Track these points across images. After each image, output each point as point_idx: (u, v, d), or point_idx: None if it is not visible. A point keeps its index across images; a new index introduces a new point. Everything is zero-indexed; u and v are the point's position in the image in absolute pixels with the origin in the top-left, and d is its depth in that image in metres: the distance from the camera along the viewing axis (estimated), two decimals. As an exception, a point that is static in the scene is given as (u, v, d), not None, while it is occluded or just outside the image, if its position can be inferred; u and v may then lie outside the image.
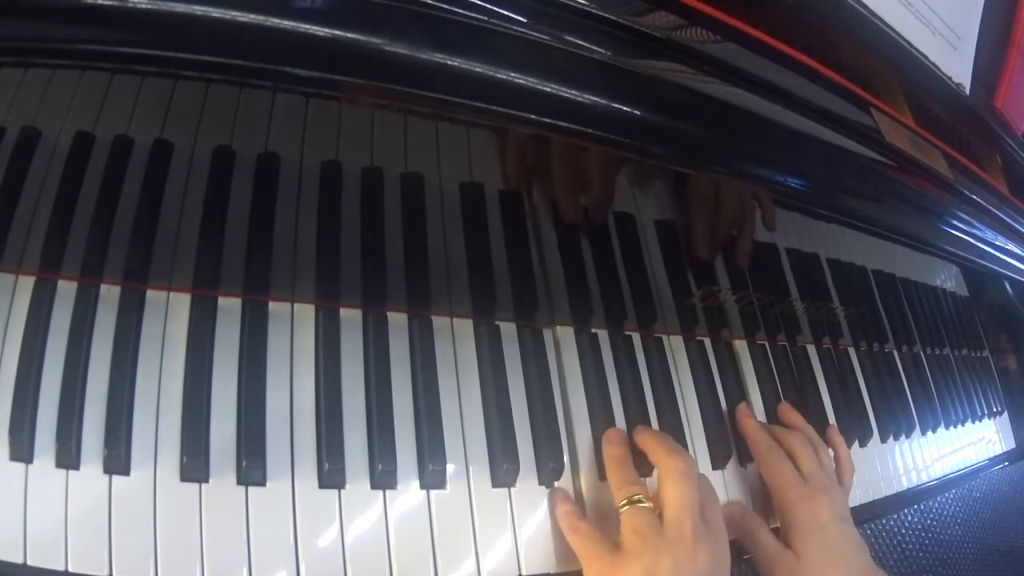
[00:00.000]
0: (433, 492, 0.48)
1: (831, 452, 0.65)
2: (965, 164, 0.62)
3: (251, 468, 0.43)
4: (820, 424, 0.69)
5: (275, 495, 0.44)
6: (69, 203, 0.41)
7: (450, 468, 0.49)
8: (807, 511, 0.57)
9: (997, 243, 0.64)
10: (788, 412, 0.67)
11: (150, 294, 0.45)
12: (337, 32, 0.32)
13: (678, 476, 0.49)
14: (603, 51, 0.39)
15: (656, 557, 0.46)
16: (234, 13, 0.30)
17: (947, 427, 0.87)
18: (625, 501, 0.49)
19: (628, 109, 0.40)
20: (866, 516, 0.71)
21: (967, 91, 0.66)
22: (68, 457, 0.40)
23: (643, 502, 0.49)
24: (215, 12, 0.30)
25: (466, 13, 0.35)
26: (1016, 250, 0.67)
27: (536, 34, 0.37)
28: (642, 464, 0.54)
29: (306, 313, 0.49)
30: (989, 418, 0.97)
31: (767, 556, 0.57)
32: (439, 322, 0.53)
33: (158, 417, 0.43)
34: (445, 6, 0.34)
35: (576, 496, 0.53)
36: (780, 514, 0.59)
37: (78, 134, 0.38)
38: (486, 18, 0.35)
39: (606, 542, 0.48)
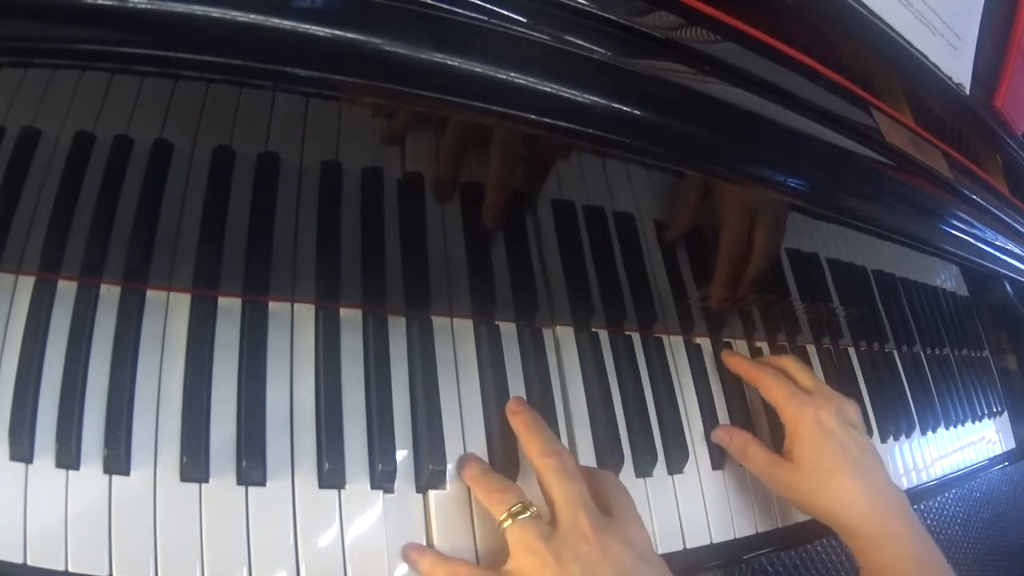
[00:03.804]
0: (433, 492, 0.48)
1: None
2: (965, 164, 0.62)
3: (251, 468, 0.43)
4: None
5: (275, 495, 0.44)
6: (69, 203, 0.41)
7: (450, 468, 0.49)
8: (812, 418, 0.56)
9: (997, 243, 0.64)
10: (771, 356, 0.68)
11: (150, 294, 0.45)
12: (337, 32, 0.32)
13: (558, 474, 0.45)
14: (603, 51, 0.39)
15: (560, 566, 0.41)
16: (234, 13, 0.30)
17: (947, 427, 0.87)
18: (505, 515, 0.44)
19: (628, 109, 0.40)
20: (866, 516, 0.71)
21: (967, 91, 0.66)
22: (68, 457, 0.40)
23: (525, 511, 0.44)
24: (215, 12, 0.30)
25: (466, 13, 0.35)
26: (1016, 250, 0.67)
27: (536, 34, 0.37)
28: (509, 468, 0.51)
29: (306, 313, 0.49)
30: (989, 418, 0.97)
31: (762, 469, 0.57)
32: (439, 322, 0.53)
33: (158, 417, 0.43)
34: (445, 6, 0.34)
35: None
36: (787, 427, 0.58)
37: (78, 134, 0.38)
38: (486, 18, 0.35)
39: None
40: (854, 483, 0.54)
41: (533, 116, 0.37)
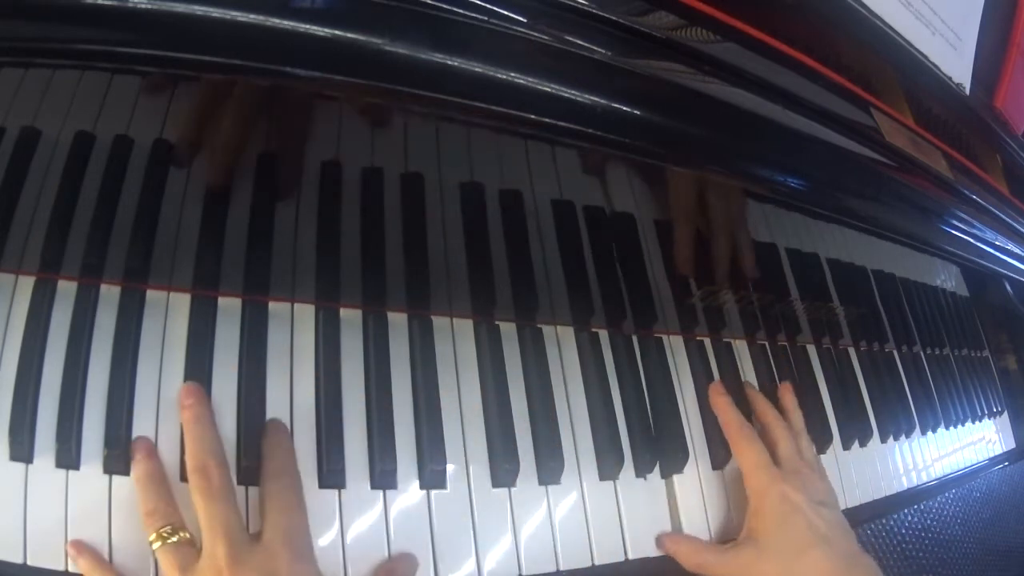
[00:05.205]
0: (433, 492, 0.48)
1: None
2: (965, 164, 0.62)
3: (251, 468, 0.43)
4: (819, 423, 0.69)
5: (275, 495, 0.44)
6: (69, 203, 0.41)
7: (450, 468, 0.49)
8: (778, 494, 0.55)
9: (997, 243, 0.64)
10: (786, 394, 0.66)
11: (150, 294, 0.45)
12: (337, 32, 0.32)
13: (202, 495, 0.41)
14: (603, 51, 0.39)
15: None
16: (234, 13, 0.30)
17: (947, 427, 0.87)
18: (154, 536, 0.41)
19: (628, 109, 0.40)
20: (866, 516, 0.71)
21: (967, 91, 0.66)
22: (68, 457, 0.40)
23: (173, 535, 0.41)
24: (215, 12, 0.30)
25: (466, 13, 0.35)
26: (1016, 250, 0.67)
27: (536, 34, 0.37)
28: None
29: (306, 313, 0.49)
30: (989, 418, 0.97)
31: (726, 568, 0.54)
32: (439, 322, 0.53)
33: (158, 417, 0.43)
34: (445, 6, 0.34)
35: (579, 495, 0.53)
36: (751, 499, 0.57)
37: (78, 134, 0.38)
38: (486, 18, 0.35)
39: None
40: (823, 558, 0.52)
41: (533, 116, 0.37)
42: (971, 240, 0.61)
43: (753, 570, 0.53)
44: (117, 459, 0.41)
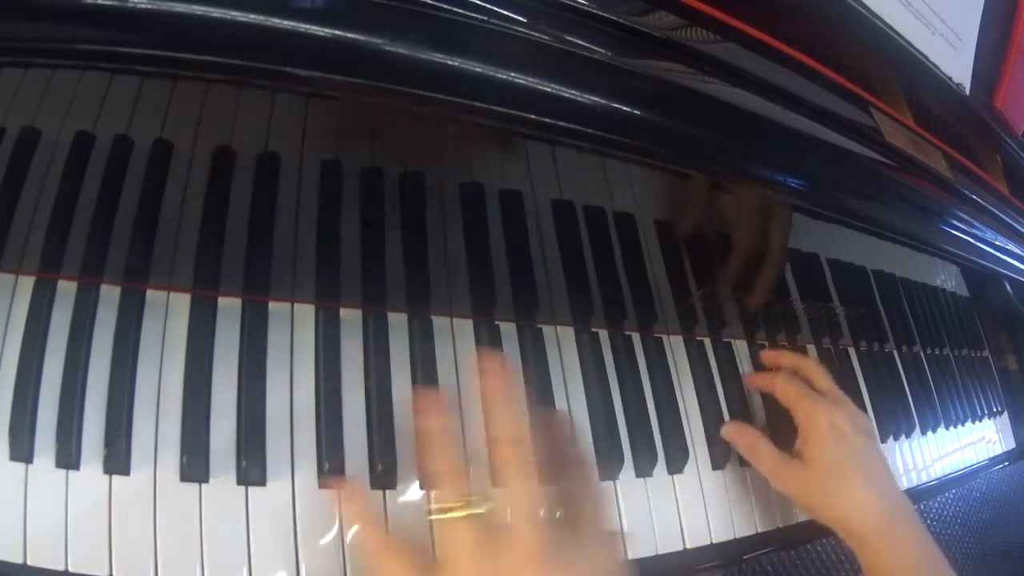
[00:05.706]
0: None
1: None
2: (965, 164, 0.62)
3: (251, 468, 0.43)
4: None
5: (275, 495, 0.44)
6: (69, 203, 0.41)
7: (450, 468, 0.49)
8: (827, 419, 0.56)
9: (997, 243, 0.64)
10: (784, 352, 0.67)
11: (150, 294, 0.45)
12: (337, 32, 0.32)
13: (516, 469, 0.37)
14: (603, 51, 0.39)
15: None
16: (234, 13, 0.30)
17: (947, 427, 0.87)
18: (454, 503, 0.37)
19: (628, 109, 0.40)
20: (866, 516, 0.71)
21: (967, 91, 0.66)
22: (68, 457, 0.40)
23: (479, 505, 0.37)
24: (215, 12, 0.30)
25: (466, 13, 0.35)
26: (1016, 250, 0.67)
27: (536, 34, 0.37)
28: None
29: (306, 313, 0.49)
30: (989, 418, 0.97)
31: (771, 468, 0.56)
32: (439, 322, 0.53)
33: (158, 417, 0.43)
34: (445, 6, 0.34)
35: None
36: (800, 428, 0.58)
37: (78, 134, 0.38)
38: (486, 18, 0.35)
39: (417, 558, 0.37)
40: (864, 487, 0.54)
41: (533, 116, 0.37)
42: (971, 240, 0.61)
43: (796, 485, 0.55)
44: (117, 459, 0.41)
